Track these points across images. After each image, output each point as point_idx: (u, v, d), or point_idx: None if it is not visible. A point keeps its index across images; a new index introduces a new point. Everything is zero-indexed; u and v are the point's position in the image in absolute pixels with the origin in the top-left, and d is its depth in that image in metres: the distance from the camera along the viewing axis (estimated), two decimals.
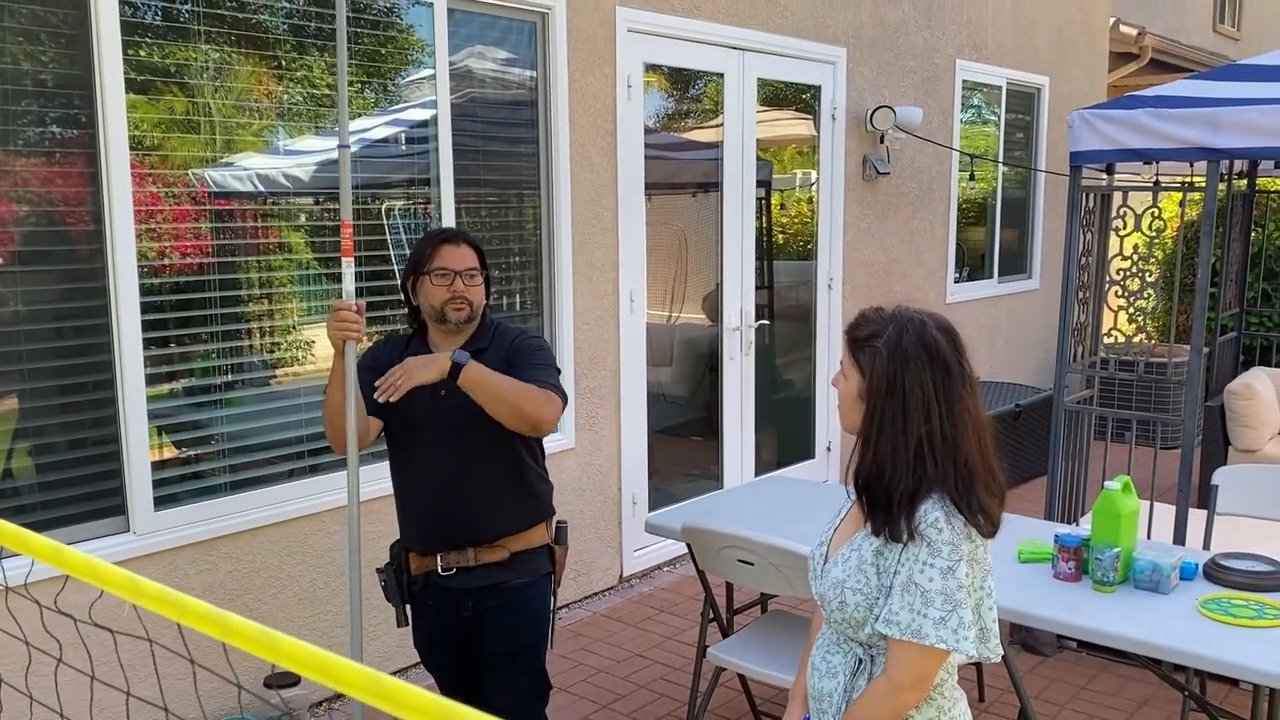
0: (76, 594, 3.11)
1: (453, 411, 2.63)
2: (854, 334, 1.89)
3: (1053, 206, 8.34)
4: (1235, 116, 3.86)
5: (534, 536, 2.77)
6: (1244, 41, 15.52)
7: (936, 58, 6.87)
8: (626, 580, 5.15)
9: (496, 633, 2.75)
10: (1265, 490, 3.84)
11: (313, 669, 0.73)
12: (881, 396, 1.82)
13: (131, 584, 0.86)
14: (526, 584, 2.75)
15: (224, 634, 0.76)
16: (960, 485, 1.80)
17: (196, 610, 0.77)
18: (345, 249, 2.69)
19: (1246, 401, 5.67)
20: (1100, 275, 4.58)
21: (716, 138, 5.42)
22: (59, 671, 3.11)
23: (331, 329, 2.64)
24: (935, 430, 1.79)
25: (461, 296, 2.68)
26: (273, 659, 0.75)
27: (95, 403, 3.31)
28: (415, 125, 4.10)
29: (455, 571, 2.71)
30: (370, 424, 2.77)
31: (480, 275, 2.73)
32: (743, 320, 5.66)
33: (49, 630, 3.05)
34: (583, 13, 4.61)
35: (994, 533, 1.85)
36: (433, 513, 2.71)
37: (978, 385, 1.88)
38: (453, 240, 2.71)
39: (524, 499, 2.74)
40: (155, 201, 3.39)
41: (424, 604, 2.80)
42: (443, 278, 2.67)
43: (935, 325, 1.85)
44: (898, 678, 1.79)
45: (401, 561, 2.79)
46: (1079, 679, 4.08)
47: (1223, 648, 2.53)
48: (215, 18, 3.49)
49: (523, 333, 2.77)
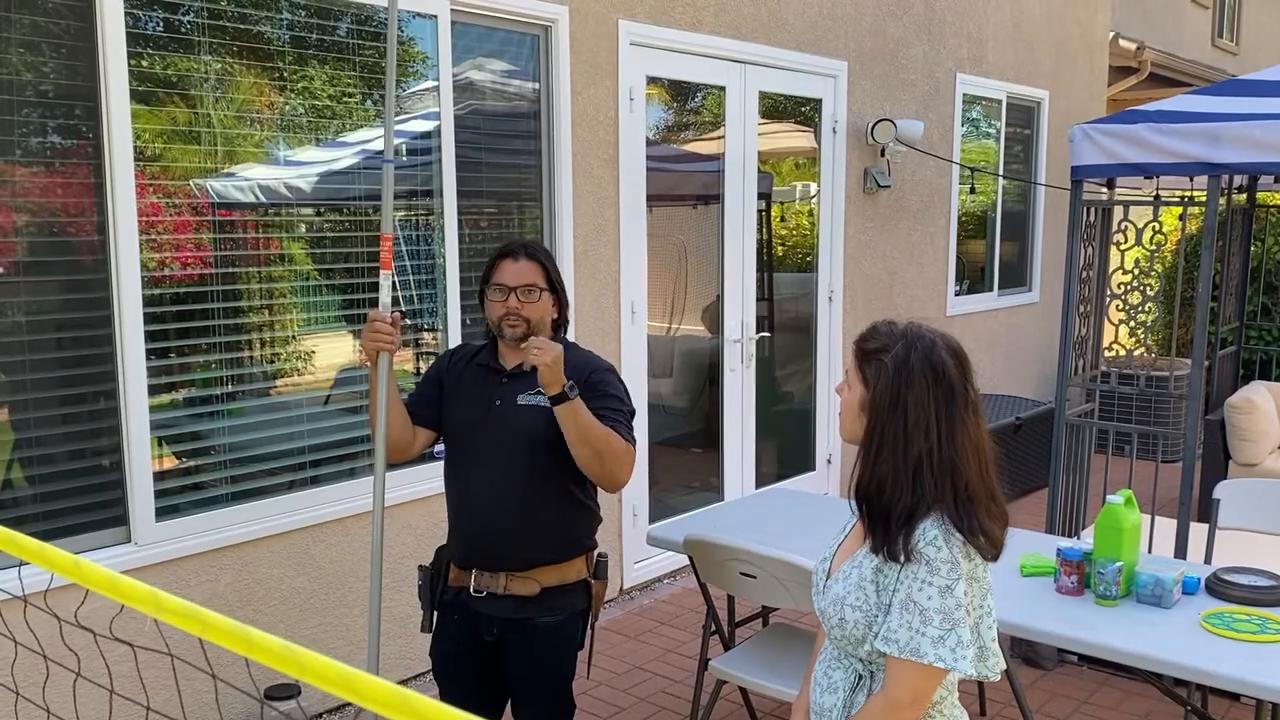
0: (71, 601, 3.11)
1: (506, 429, 2.60)
2: (863, 345, 1.89)
3: (1052, 220, 8.35)
4: (1236, 132, 3.87)
5: (569, 571, 2.68)
6: (1242, 56, 15.58)
7: (937, 71, 6.89)
8: (627, 592, 5.14)
9: (518, 668, 2.69)
10: (1266, 504, 3.84)
11: (339, 685, 0.73)
12: (883, 412, 1.82)
13: (153, 599, 0.86)
14: (556, 624, 2.66)
15: (247, 649, 0.76)
16: (960, 507, 1.79)
17: (219, 626, 0.76)
18: (384, 261, 2.69)
19: (1246, 415, 5.67)
20: (1101, 289, 4.58)
21: (718, 150, 5.44)
22: (77, 684, 3.10)
23: (366, 340, 2.63)
24: (934, 450, 1.79)
25: (516, 314, 2.62)
26: (296, 674, 0.74)
27: (97, 413, 3.31)
28: (418, 137, 4.11)
29: (485, 595, 2.65)
30: (418, 434, 2.75)
31: (541, 291, 2.65)
32: (743, 332, 5.67)
33: (65, 642, 3.04)
34: (585, 26, 4.62)
35: (997, 555, 1.84)
36: (471, 528, 2.67)
37: (982, 410, 1.87)
38: (512, 254, 2.66)
39: (564, 530, 2.65)
40: (158, 211, 3.40)
41: (450, 617, 2.75)
42: (500, 293, 2.64)
43: (945, 346, 1.84)
44: (895, 696, 1.79)
45: (441, 567, 2.76)
46: (1081, 693, 4.07)
47: (1225, 662, 2.53)
48: (219, 29, 3.50)
49: (595, 368, 2.66)
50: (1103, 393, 4.72)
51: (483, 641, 2.68)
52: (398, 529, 4.07)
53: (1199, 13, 14.26)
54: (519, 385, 2.65)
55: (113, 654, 3.23)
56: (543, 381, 2.44)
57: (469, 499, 2.65)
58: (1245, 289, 6.27)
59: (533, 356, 2.42)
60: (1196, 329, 4.06)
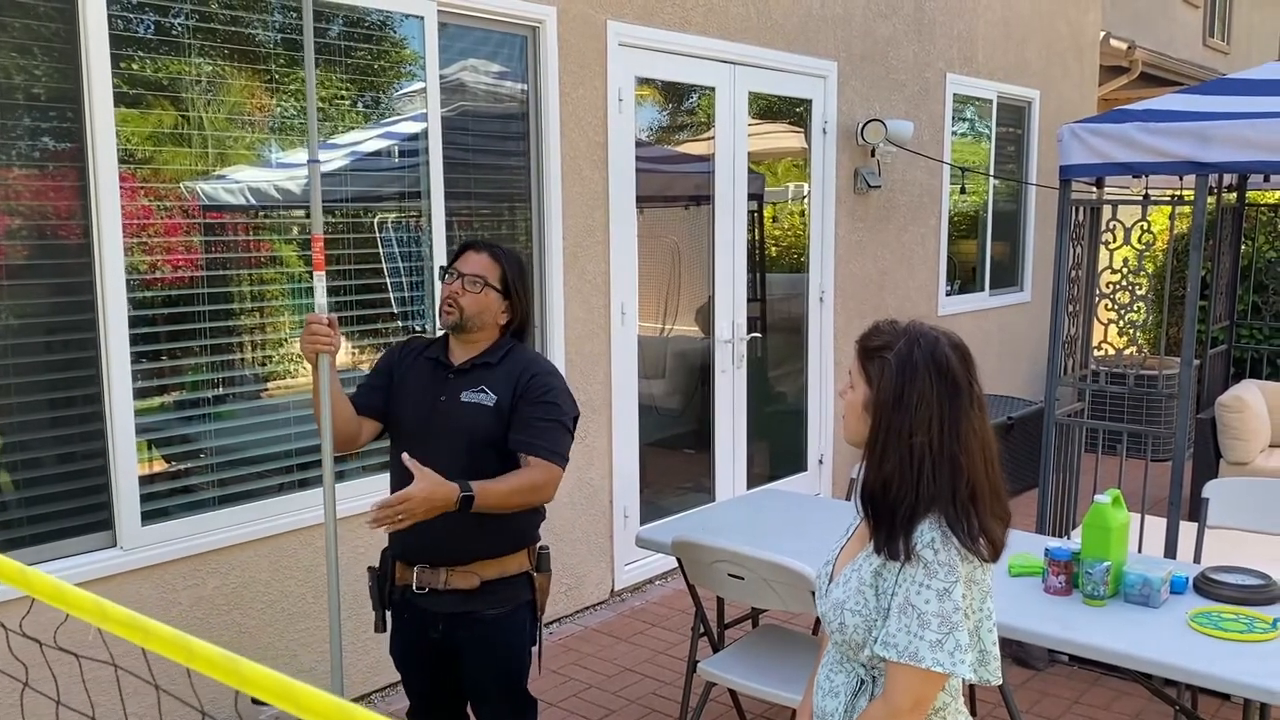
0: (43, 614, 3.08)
1: (447, 424, 2.61)
2: (866, 344, 1.87)
3: (1044, 219, 8.36)
4: (1225, 131, 3.87)
5: (510, 564, 2.69)
6: (1233, 55, 15.62)
7: (927, 71, 6.90)
8: (618, 594, 5.13)
9: (471, 663, 2.71)
10: (1256, 503, 3.84)
11: (277, 696, 0.72)
12: (888, 409, 1.80)
13: (98, 608, 0.85)
14: (501, 615, 2.68)
15: (188, 659, 0.75)
16: (960, 506, 1.77)
17: (161, 635, 0.75)
18: (317, 263, 2.69)
19: (1237, 414, 5.68)
20: (1090, 288, 4.59)
21: (708, 151, 5.43)
22: (24, 696, 3.08)
23: (304, 343, 2.63)
24: (937, 445, 1.77)
25: (451, 298, 2.65)
26: (238, 685, 0.74)
27: (83, 416, 3.29)
28: (406, 138, 4.10)
29: (428, 592, 2.67)
30: (365, 424, 2.75)
31: (487, 287, 2.67)
32: (734, 333, 5.66)
33: (14, 654, 3.02)
34: (574, 27, 4.62)
35: (997, 556, 1.82)
36: (410, 526, 2.68)
37: (986, 406, 1.85)
38: (475, 247, 2.72)
39: (504, 523, 2.65)
40: (145, 215, 3.38)
41: (400, 615, 2.78)
42: (449, 276, 2.68)
43: (948, 342, 1.83)
44: (896, 701, 1.77)
45: (388, 567, 2.77)
46: (1071, 693, 4.07)
47: (1213, 662, 2.52)
48: (205, 31, 3.48)
49: (536, 373, 2.67)
50: (1093, 392, 4.72)
51: (429, 638, 2.71)
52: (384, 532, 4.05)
53: (1190, 12, 14.29)
54: (464, 382, 2.67)
55: (59, 665, 3.20)
56: (433, 516, 2.43)
57: None
58: (1236, 287, 6.28)
59: (398, 524, 2.42)
60: (1186, 327, 4.06)
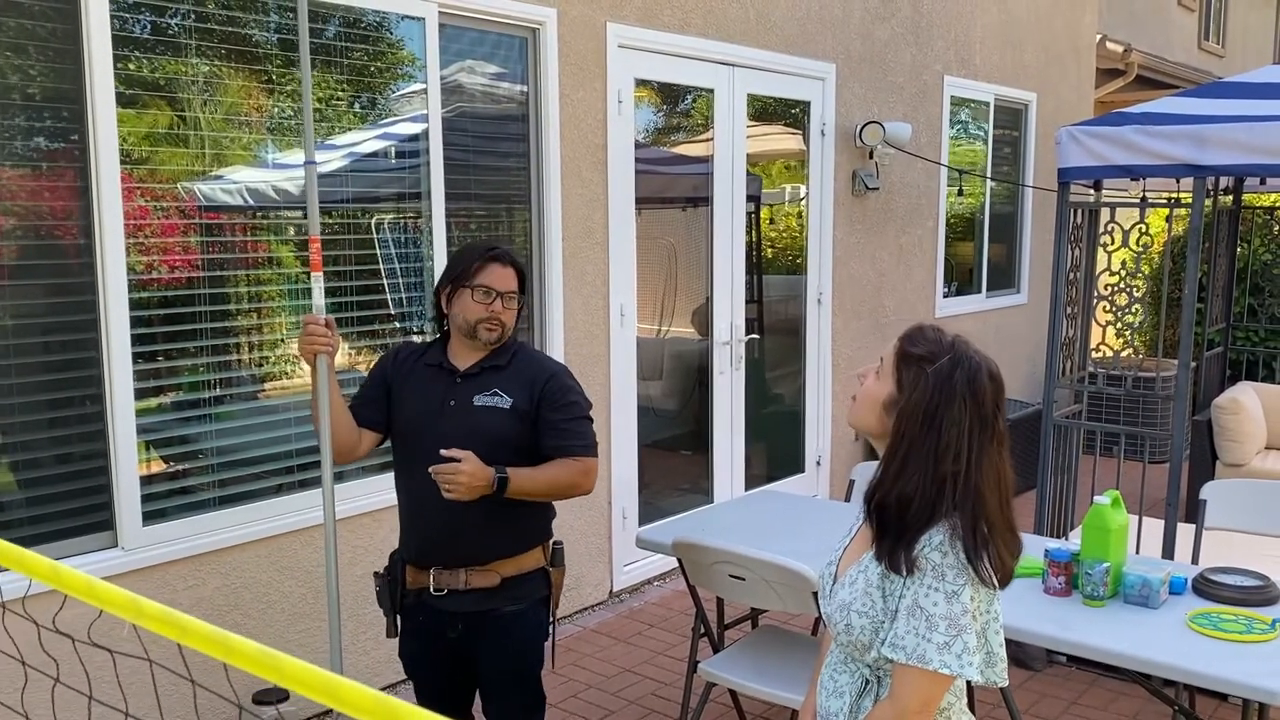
0: (52, 607, 3.09)
1: (461, 429, 2.61)
2: (907, 347, 1.82)
3: (1040, 221, 8.38)
4: (1222, 134, 3.88)
5: (527, 561, 2.73)
6: (1228, 58, 15.66)
7: (925, 74, 6.91)
8: (616, 595, 5.13)
9: (489, 659, 2.72)
10: (1253, 505, 3.85)
11: (320, 691, 0.72)
12: (916, 424, 1.76)
13: (133, 604, 0.85)
14: (520, 611, 2.71)
15: (225, 654, 0.75)
16: (976, 535, 1.75)
17: (199, 631, 0.76)
18: (314, 264, 2.69)
19: (1233, 416, 5.70)
20: (1088, 290, 4.60)
21: (706, 152, 5.44)
22: (55, 690, 3.08)
23: (302, 344, 2.63)
24: (961, 474, 1.75)
25: (497, 318, 2.66)
26: (277, 680, 0.74)
27: (83, 417, 3.29)
28: (406, 139, 4.10)
29: (446, 593, 2.68)
30: (364, 436, 2.75)
31: (517, 299, 2.70)
32: (732, 334, 5.67)
33: (45, 649, 3.02)
34: (573, 28, 4.62)
35: (1006, 582, 1.82)
36: (427, 529, 2.68)
37: (1007, 443, 1.82)
38: (501, 260, 2.69)
39: (521, 522, 2.69)
40: (145, 215, 3.39)
41: (414, 619, 2.78)
42: (485, 295, 2.65)
43: (988, 372, 1.79)
44: (903, 702, 1.77)
45: (398, 572, 2.77)
46: (1069, 694, 4.08)
47: (1212, 662, 2.53)
48: (205, 32, 3.49)
49: (552, 375, 2.71)
50: (1091, 394, 4.74)
51: (447, 639, 2.71)
52: (386, 531, 4.06)
53: (1186, 15, 14.33)
54: (473, 386, 2.67)
55: (92, 660, 3.21)
56: (474, 495, 2.50)
57: (424, 497, 2.64)
58: (1232, 290, 6.30)
59: (447, 494, 2.49)
60: (1183, 330, 4.08)
